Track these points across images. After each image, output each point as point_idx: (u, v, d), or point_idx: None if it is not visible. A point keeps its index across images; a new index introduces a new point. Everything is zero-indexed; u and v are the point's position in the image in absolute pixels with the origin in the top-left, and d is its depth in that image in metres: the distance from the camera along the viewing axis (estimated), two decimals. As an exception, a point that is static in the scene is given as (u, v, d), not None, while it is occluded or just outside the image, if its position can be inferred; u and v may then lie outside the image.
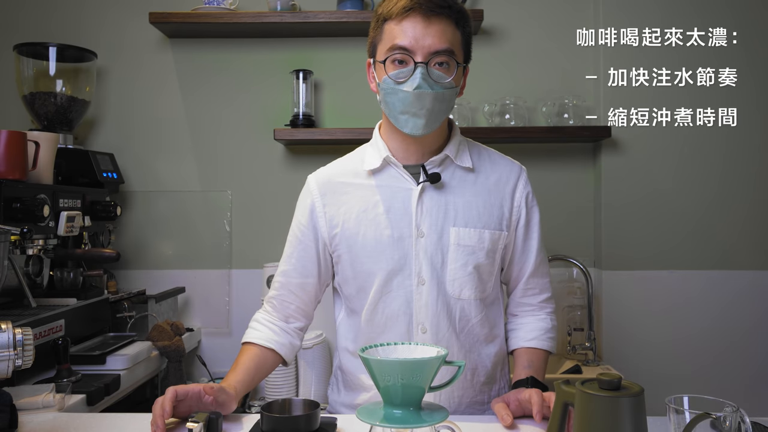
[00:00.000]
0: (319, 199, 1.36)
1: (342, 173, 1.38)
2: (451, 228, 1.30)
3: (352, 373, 1.39)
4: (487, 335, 1.36)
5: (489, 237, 1.32)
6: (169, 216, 2.39)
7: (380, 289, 1.31)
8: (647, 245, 2.28)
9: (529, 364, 1.35)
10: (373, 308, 1.32)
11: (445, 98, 1.25)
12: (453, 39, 1.25)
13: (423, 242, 1.30)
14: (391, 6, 1.25)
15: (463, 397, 1.35)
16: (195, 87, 2.40)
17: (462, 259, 1.30)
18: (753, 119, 2.27)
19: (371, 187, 1.34)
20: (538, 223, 1.40)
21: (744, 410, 0.84)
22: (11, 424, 1.15)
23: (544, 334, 1.40)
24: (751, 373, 2.25)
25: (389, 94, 1.26)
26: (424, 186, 1.31)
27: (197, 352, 2.35)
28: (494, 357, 1.38)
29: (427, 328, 1.30)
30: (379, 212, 1.31)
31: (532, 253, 1.39)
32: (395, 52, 1.23)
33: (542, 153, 2.35)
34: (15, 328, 1.09)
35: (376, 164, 1.33)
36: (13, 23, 2.40)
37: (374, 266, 1.31)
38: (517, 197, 1.37)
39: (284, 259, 1.41)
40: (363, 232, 1.32)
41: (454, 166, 1.35)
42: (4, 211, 1.56)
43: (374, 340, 1.32)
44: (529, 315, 1.43)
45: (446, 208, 1.31)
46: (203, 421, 1.06)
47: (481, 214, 1.32)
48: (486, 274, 1.34)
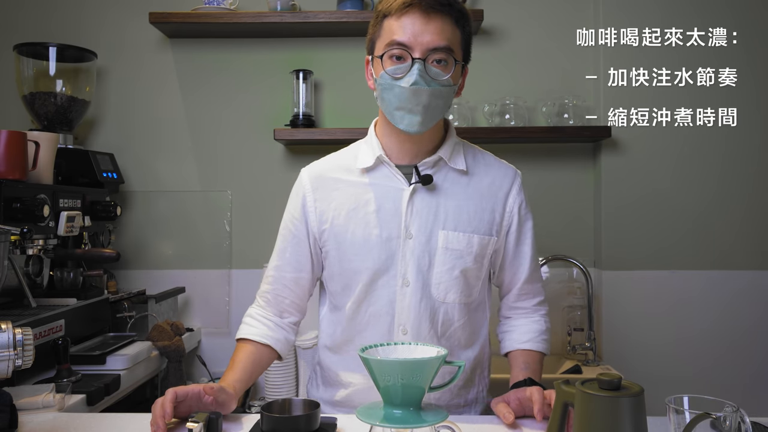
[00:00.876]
0: (311, 194, 1.36)
1: (334, 168, 1.38)
2: (440, 231, 1.30)
3: (330, 369, 1.40)
4: (468, 339, 1.36)
5: (478, 242, 1.31)
6: (169, 216, 2.39)
7: (365, 287, 1.31)
8: (647, 245, 2.28)
9: (525, 366, 1.35)
10: (357, 306, 1.33)
11: (442, 96, 1.25)
12: (452, 37, 1.24)
13: (411, 244, 1.30)
14: (391, 2, 1.25)
15: (440, 399, 1.35)
16: (195, 87, 2.40)
17: (449, 262, 1.30)
18: (753, 119, 2.27)
19: (363, 185, 1.33)
20: (531, 230, 1.39)
21: (744, 410, 0.84)
22: (11, 424, 1.15)
23: (538, 336, 1.40)
24: (751, 372, 2.25)
25: (386, 89, 1.25)
26: (416, 187, 1.31)
27: (197, 352, 2.35)
28: (473, 361, 1.38)
29: (408, 330, 1.30)
30: (369, 211, 1.31)
31: (525, 259, 1.39)
32: (393, 47, 1.23)
33: (542, 153, 2.35)
34: (15, 328, 1.09)
35: (369, 162, 1.33)
36: (13, 23, 2.40)
37: (361, 264, 1.31)
38: (510, 203, 1.36)
39: (277, 254, 1.41)
40: (352, 229, 1.32)
41: (448, 168, 1.34)
42: (4, 211, 1.56)
43: (354, 338, 1.34)
44: (523, 317, 1.43)
45: (437, 211, 1.31)
46: (203, 421, 1.06)
47: (472, 218, 1.32)
48: (473, 278, 1.33)
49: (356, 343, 1.33)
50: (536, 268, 1.42)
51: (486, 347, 1.42)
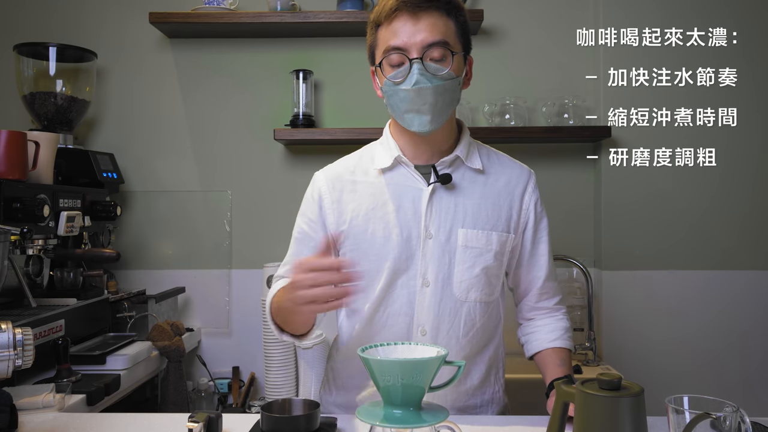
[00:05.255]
0: (328, 195, 1.35)
1: (351, 171, 1.37)
2: (460, 229, 1.30)
3: (346, 371, 1.39)
4: (487, 339, 1.36)
5: (497, 239, 1.32)
6: (169, 216, 2.39)
7: (384, 288, 1.30)
8: (647, 245, 2.28)
9: (561, 363, 1.34)
10: (375, 307, 1.31)
11: (446, 90, 1.24)
12: (446, 30, 1.24)
13: (430, 243, 1.29)
14: (380, 10, 1.26)
15: (456, 401, 1.34)
16: (195, 87, 2.40)
17: (469, 260, 1.30)
18: (753, 119, 2.27)
19: (381, 186, 1.33)
20: (546, 228, 1.39)
21: (744, 410, 0.84)
22: (11, 424, 1.15)
23: (564, 334, 1.39)
24: (751, 372, 2.25)
25: (391, 95, 1.26)
26: (435, 187, 1.30)
27: (197, 352, 2.35)
28: (489, 361, 1.38)
29: (427, 331, 1.29)
30: (388, 211, 1.31)
31: (543, 257, 1.39)
32: (390, 53, 1.24)
33: (542, 153, 2.35)
34: (15, 328, 1.09)
35: (387, 163, 1.32)
36: (13, 23, 2.40)
37: (380, 265, 1.30)
38: (526, 200, 1.36)
39: (291, 258, 1.38)
40: (371, 229, 1.31)
41: (465, 168, 1.34)
42: (4, 211, 1.56)
43: (372, 339, 1.31)
44: (546, 317, 1.42)
45: (455, 210, 1.30)
46: (203, 421, 1.06)
47: (490, 216, 1.32)
48: (494, 276, 1.33)
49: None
50: (553, 267, 1.42)
51: (501, 347, 1.42)
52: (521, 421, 1.22)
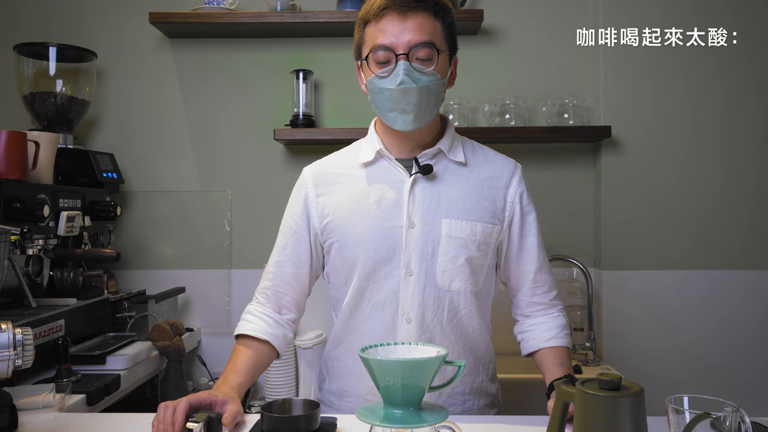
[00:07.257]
0: (313, 189, 1.38)
1: (336, 165, 1.41)
2: (443, 219, 1.31)
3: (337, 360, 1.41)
4: (474, 328, 1.37)
5: (481, 230, 1.32)
6: (169, 216, 2.39)
7: (368, 278, 1.32)
8: (647, 245, 2.28)
9: (560, 362, 1.35)
10: (359, 296, 1.34)
11: (431, 91, 1.26)
12: (433, 31, 1.26)
13: (414, 233, 1.31)
14: (369, 8, 1.28)
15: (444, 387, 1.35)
16: (195, 87, 2.40)
17: (453, 251, 1.31)
18: (753, 119, 2.27)
19: (364, 179, 1.36)
20: (534, 220, 1.40)
21: (744, 410, 0.84)
22: (11, 424, 1.15)
23: (561, 331, 1.40)
24: (752, 372, 2.25)
25: (376, 93, 1.28)
26: (416, 177, 1.33)
27: (197, 352, 2.35)
28: (475, 350, 1.39)
29: (412, 319, 1.31)
30: (370, 202, 1.33)
31: (532, 249, 1.39)
32: (377, 51, 1.26)
33: (542, 153, 2.35)
34: (15, 328, 1.09)
35: (369, 157, 1.36)
36: (13, 23, 2.40)
37: (363, 255, 1.32)
38: (510, 193, 1.37)
39: (277, 250, 1.42)
40: (354, 221, 1.33)
41: (447, 160, 1.36)
42: (4, 211, 1.56)
43: (359, 327, 1.35)
44: (542, 314, 1.43)
45: (438, 200, 1.32)
46: (203, 421, 1.06)
47: (474, 207, 1.33)
48: (477, 267, 1.34)
49: (360, 333, 1.35)
50: (545, 259, 1.42)
51: (488, 336, 1.43)
52: (521, 421, 1.22)
